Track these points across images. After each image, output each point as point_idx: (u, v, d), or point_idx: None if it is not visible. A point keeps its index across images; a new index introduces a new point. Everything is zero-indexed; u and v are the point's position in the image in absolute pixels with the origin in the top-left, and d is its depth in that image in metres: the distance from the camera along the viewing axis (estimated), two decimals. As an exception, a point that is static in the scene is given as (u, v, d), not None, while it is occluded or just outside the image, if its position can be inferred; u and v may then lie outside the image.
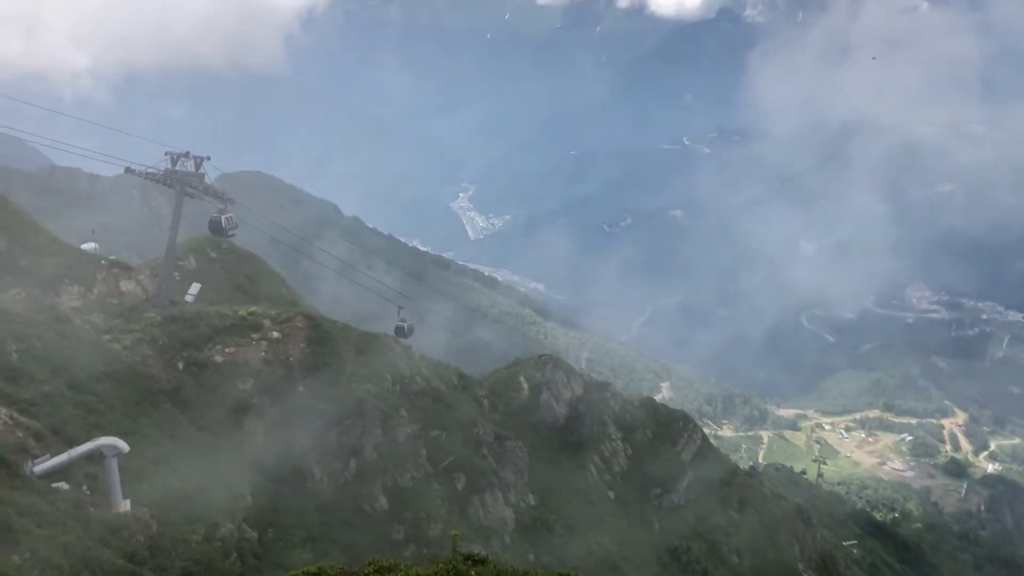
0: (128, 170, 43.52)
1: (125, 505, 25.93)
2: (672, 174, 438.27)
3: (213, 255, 62.05)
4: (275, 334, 45.17)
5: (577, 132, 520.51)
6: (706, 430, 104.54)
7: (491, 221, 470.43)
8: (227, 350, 42.85)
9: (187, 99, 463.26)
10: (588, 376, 74.76)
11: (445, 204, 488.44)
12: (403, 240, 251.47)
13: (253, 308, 47.22)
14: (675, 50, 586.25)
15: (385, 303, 51.15)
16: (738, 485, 71.18)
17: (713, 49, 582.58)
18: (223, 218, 43.64)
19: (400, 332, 50.13)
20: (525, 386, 66.23)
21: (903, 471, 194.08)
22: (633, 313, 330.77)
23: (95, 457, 26.08)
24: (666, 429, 70.43)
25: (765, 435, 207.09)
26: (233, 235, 45.18)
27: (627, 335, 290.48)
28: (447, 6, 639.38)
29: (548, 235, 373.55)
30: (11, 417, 26.89)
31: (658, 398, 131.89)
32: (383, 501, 43.03)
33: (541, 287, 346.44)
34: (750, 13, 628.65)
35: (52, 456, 25.82)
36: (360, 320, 64.72)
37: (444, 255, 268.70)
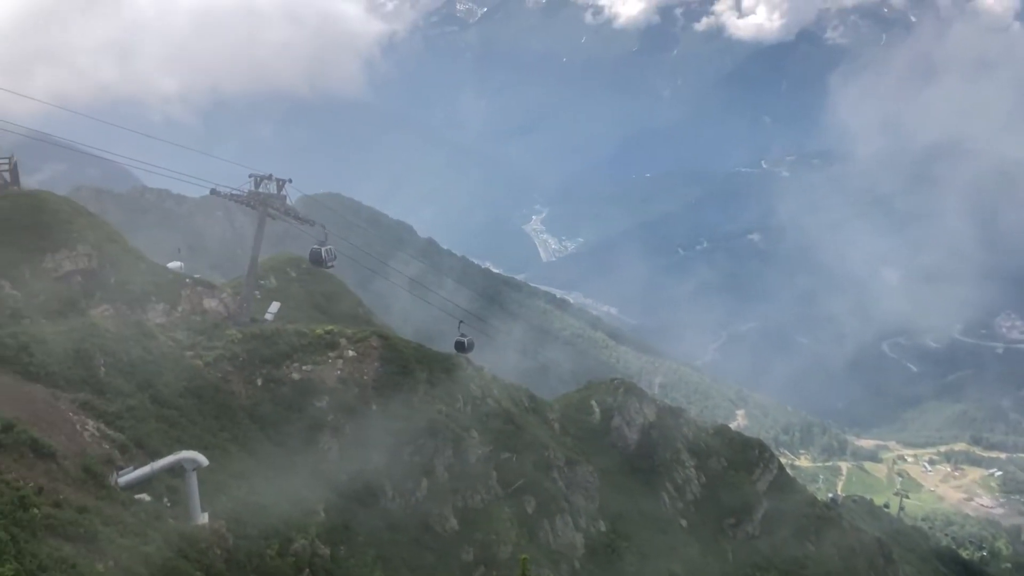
0: (214, 191, 45.02)
1: (204, 518, 26.48)
2: (750, 197, 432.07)
3: (292, 274, 63.50)
4: (351, 353, 45.86)
5: (652, 155, 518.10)
6: (783, 460, 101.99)
7: (564, 243, 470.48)
8: (304, 368, 43.65)
9: (271, 122, 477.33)
10: (661, 402, 73.89)
11: (518, 226, 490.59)
12: (476, 262, 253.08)
13: (330, 327, 48.06)
14: (753, 72, 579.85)
15: (456, 323, 51.50)
16: (816, 516, 69.17)
17: (793, 71, 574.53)
18: (323, 250, 44.66)
19: (460, 347, 50.31)
20: (597, 410, 65.77)
21: (992, 508, 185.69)
22: (708, 338, 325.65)
23: (176, 470, 26.74)
24: (741, 457, 69.01)
25: (844, 466, 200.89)
26: (332, 266, 46.06)
27: (702, 360, 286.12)
28: (525, 31, 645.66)
29: (621, 258, 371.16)
30: (98, 429, 27.84)
31: (733, 426, 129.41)
32: (453, 522, 43.10)
33: (614, 310, 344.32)
34: (831, 35, 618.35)
35: (136, 468, 26.57)
36: (431, 339, 65.35)
37: (516, 277, 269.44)
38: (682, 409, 76.82)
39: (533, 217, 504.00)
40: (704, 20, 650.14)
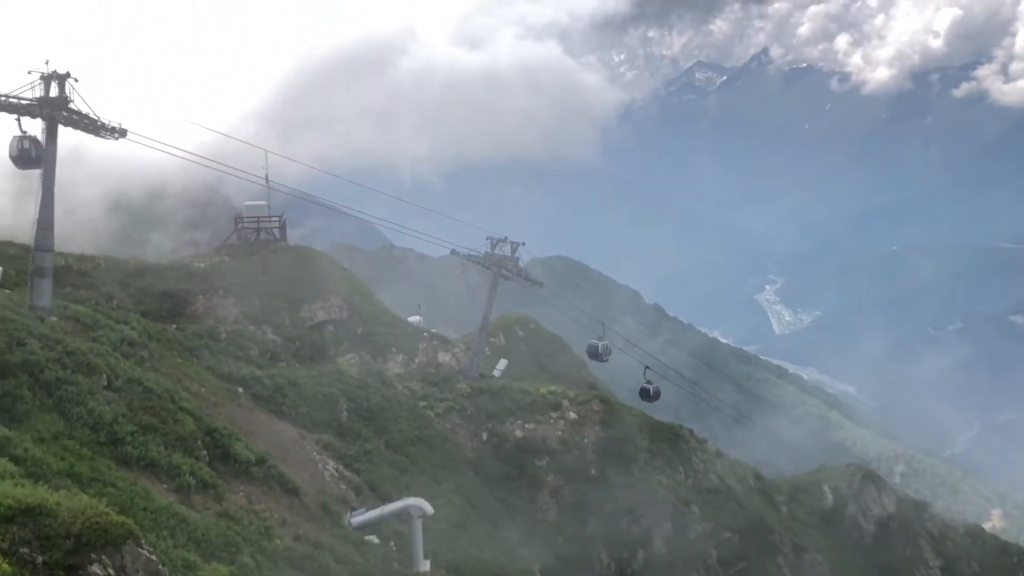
0: (453, 252, 47.64)
1: (425, 565, 27.33)
2: (1013, 275, 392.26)
3: (520, 333, 65.17)
4: (572, 415, 46.14)
5: (899, 227, 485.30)
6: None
7: (799, 316, 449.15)
8: (527, 426, 44.43)
9: (508, 187, 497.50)
10: (902, 492, 67.89)
11: (750, 296, 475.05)
12: (703, 330, 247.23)
13: (553, 387, 48.70)
14: (1020, 141, 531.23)
15: (683, 393, 50.30)
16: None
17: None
18: (600, 345, 45.65)
19: (645, 395, 48.51)
20: (829, 496, 61.49)
21: None
22: (959, 427, 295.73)
23: (403, 516, 27.91)
24: (997, 563, 61.60)
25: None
26: (607, 360, 46.88)
27: (951, 451, 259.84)
28: (766, 99, 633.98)
29: (863, 334, 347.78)
30: (337, 470, 29.76)
31: (987, 526, 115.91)
32: (668, 599, 41.67)
33: (852, 389, 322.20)
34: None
35: (368, 510, 28.04)
36: (655, 407, 64.25)
37: (746, 348, 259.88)
38: (927, 503, 70.05)
39: (766, 287, 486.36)
40: (964, 86, 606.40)
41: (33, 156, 29.04)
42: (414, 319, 54.85)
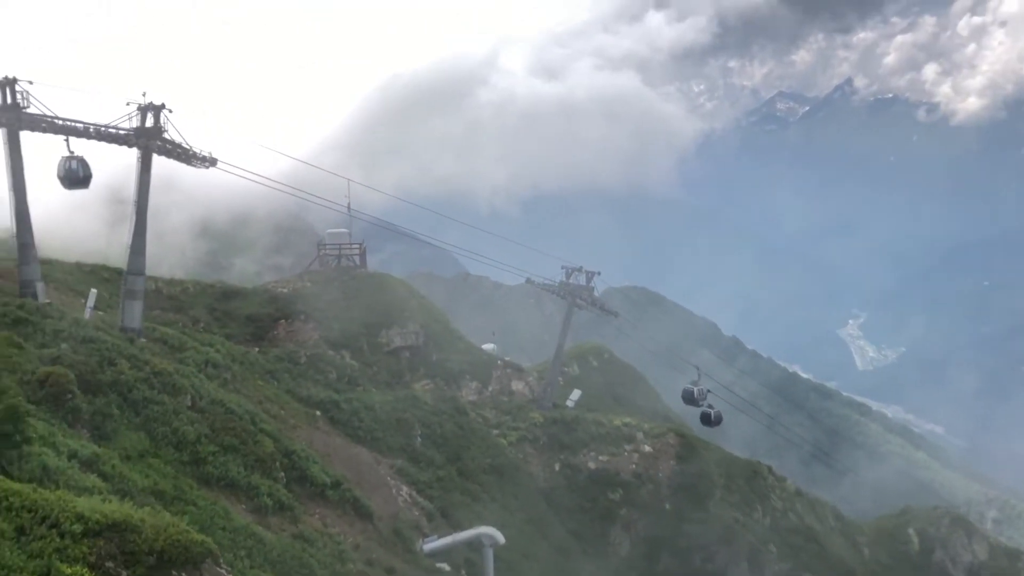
0: (528, 281, 47.77)
1: (496, 595, 27.20)
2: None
3: (594, 363, 64.73)
4: (647, 448, 45.51)
5: (991, 262, 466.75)
6: None
7: (883, 352, 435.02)
8: (600, 458, 43.99)
9: (585, 216, 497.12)
10: (995, 539, 64.64)
11: (832, 330, 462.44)
12: (783, 364, 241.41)
13: (628, 419, 48.16)
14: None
15: (761, 428, 49.11)
16: None
17: None
18: (695, 389, 44.75)
19: (706, 420, 46.93)
20: (915, 539, 58.99)
21: None
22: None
23: (475, 544, 27.85)
24: (1098, 620, 58.03)
25: None
26: (702, 405, 45.89)
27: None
28: (849, 130, 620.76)
29: (952, 372, 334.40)
30: (410, 496, 29.92)
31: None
32: (744, 640, 40.47)
33: (939, 429, 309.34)
34: None
35: (440, 537, 28.08)
36: (729, 439, 62.91)
37: (827, 384, 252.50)
38: (1022, 551, 66.55)
39: (849, 322, 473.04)
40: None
41: (80, 176, 29.45)
42: (489, 347, 55.07)
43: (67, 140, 28.91)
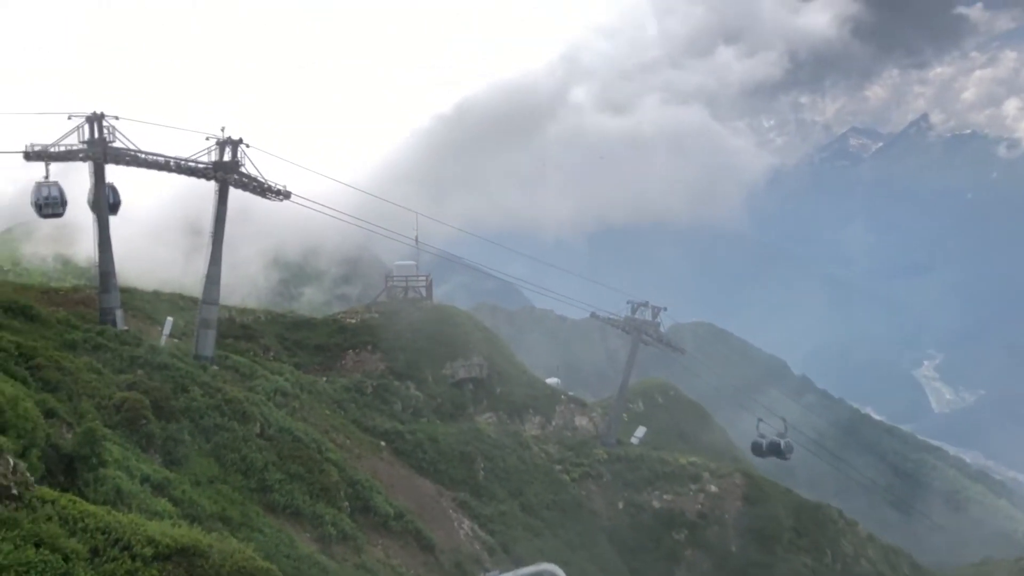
0: (593, 315, 47.65)
1: (556, 633, 26.82)
2: None
3: (660, 401, 63.89)
4: (713, 488, 44.60)
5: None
6: None
7: (961, 395, 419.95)
8: (665, 497, 43.26)
9: (650, 250, 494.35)
10: (1082, 595, 61.28)
11: (906, 371, 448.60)
12: (854, 405, 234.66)
13: (693, 458, 47.34)
14: None
15: (831, 470, 47.73)
16: None
17: None
18: (782, 442, 44.13)
19: (758, 450, 45.31)
20: (996, 593, 56.40)
21: None
22: None
23: (536, 581, 27.55)
24: None
25: None
26: (788, 458, 45.08)
27: None
28: (926, 166, 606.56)
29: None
30: (472, 529, 29.82)
31: None
32: None
33: (1022, 477, 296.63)
34: None
35: (500, 573, 27.86)
36: (797, 481, 61.24)
37: (901, 426, 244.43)
38: (1111, 610, 62.93)
39: (925, 362, 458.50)
40: None
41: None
42: (552, 381, 54.87)
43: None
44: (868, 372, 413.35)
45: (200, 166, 30.48)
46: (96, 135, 29.42)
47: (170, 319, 33.02)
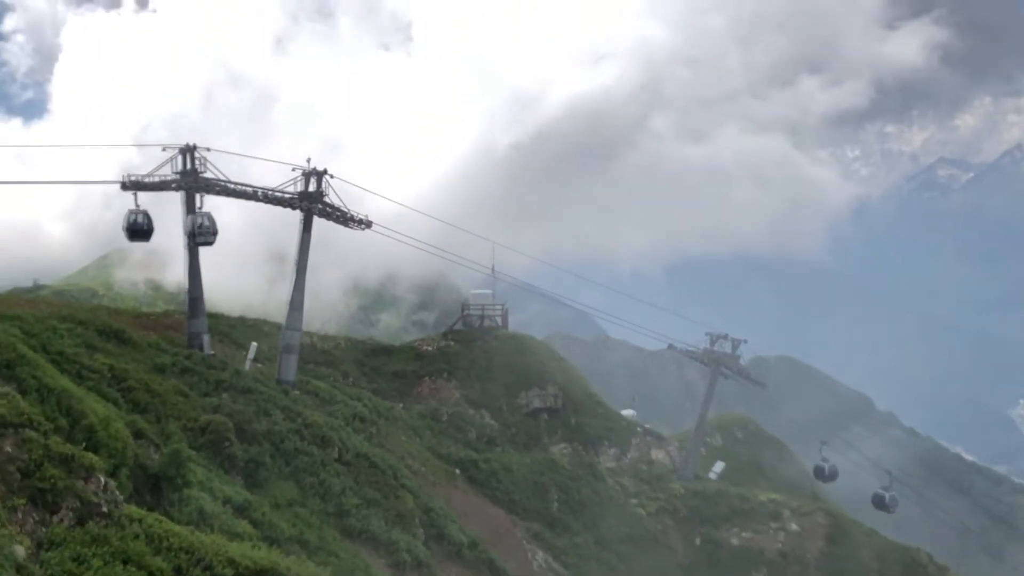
0: (671, 346, 47.11)
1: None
2: None
3: (739, 435, 62.50)
4: (794, 526, 43.30)
5: None
6: None
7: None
8: (744, 534, 42.18)
9: (730, 282, 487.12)
10: None
11: (1001, 410, 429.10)
12: (944, 444, 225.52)
13: (774, 495, 46.09)
14: None
15: (919, 512, 45.81)
16: None
17: None
18: (887, 496, 43.30)
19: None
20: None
21: None
22: None
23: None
24: None
25: None
26: (893, 512, 44.30)
27: None
28: (1020, 197, 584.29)
29: None
30: (546, 561, 29.58)
31: None
32: None
33: None
34: None
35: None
36: (882, 523, 58.92)
37: (995, 468, 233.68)
38: None
39: (1021, 401, 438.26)
40: None
41: (144, 229, 30.39)
42: (628, 412, 54.22)
43: (135, 195, 30.01)
44: (959, 410, 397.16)
45: (286, 196, 31.41)
46: (188, 166, 30.61)
47: (254, 344, 33.88)
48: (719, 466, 50.96)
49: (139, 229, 30.27)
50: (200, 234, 30.70)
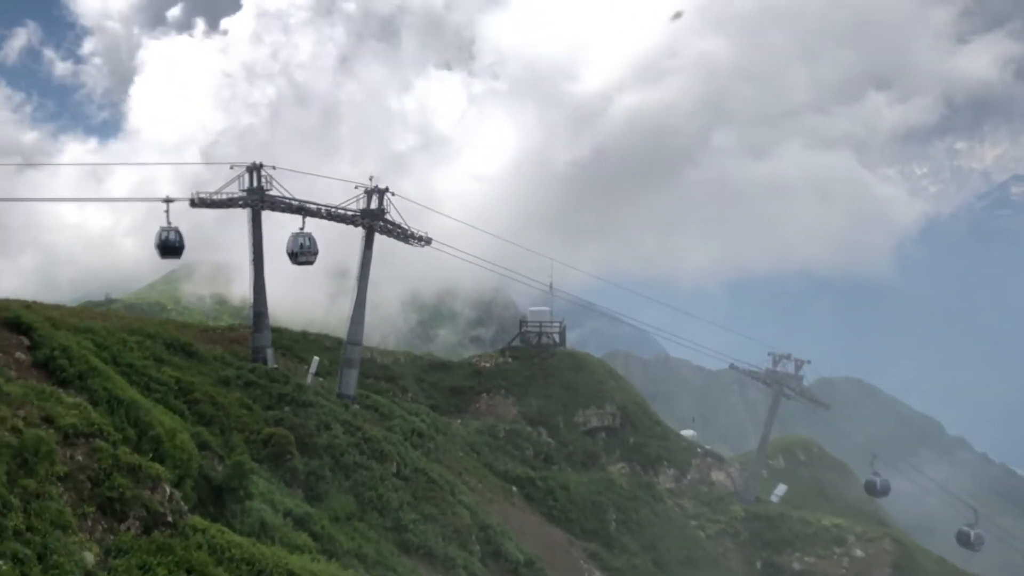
0: (732, 366, 46.43)
1: None
2: None
3: (802, 457, 61.15)
4: (859, 552, 42.12)
5: None
6: None
7: None
8: (806, 559, 41.20)
9: (793, 300, 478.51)
10: None
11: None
12: (1019, 471, 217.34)
13: (838, 520, 44.94)
14: None
15: (998, 544, 44.08)
16: None
17: None
18: (972, 533, 42.16)
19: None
20: None
21: None
22: None
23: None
24: None
25: None
26: (978, 551, 42.95)
27: None
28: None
29: None
30: (599, 582, 29.23)
31: None
32: None
33: None
34: None
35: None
36: (960, 558, 56.86)
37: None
38: None
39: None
40: None
41: (176, 246, 30.51)
42: (687, 433, 53.51)
43: (167, 212, 30.12)
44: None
45: (349, 213, 31.90)
46: (255, 184, 31.26)
47: (316, 358, 34.34)
48: (781, 488, 49.91)
49: (171, 246, 30.55)
50: (301, 254, 31.22)
